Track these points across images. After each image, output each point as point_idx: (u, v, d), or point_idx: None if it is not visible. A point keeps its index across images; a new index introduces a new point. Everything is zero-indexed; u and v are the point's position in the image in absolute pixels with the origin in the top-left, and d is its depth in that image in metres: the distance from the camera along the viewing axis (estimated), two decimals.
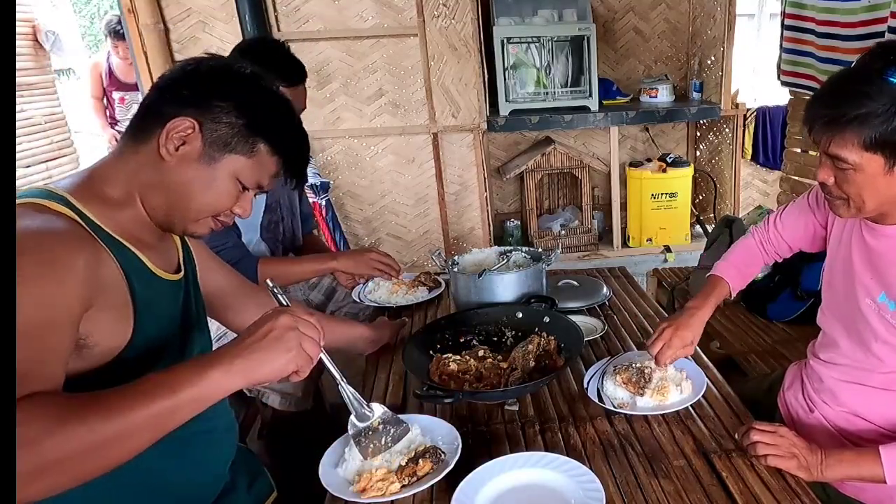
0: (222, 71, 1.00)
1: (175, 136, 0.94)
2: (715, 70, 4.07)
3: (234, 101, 0.96)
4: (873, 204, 1.11)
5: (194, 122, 0.94)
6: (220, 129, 0.96)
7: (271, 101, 1.02)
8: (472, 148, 3.89)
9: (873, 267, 1.18)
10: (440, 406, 1.27)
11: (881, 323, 1.16)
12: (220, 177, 0.98)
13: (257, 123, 0.98)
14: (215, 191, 0.98)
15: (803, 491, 1.02)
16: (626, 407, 1.24)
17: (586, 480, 1.02)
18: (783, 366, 1.54)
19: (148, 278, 0.99)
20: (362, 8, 3.56)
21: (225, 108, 0.96)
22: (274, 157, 1.01)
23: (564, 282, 1.89)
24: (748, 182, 4.59)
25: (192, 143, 0.95)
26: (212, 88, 0.97)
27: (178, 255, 1.13)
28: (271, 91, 1.03)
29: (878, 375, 1.20)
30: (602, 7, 4.24)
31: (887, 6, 2.29)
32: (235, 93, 0.98)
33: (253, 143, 0.98)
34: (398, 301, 1.89)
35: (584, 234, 4.24)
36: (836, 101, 1.05)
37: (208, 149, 0.96)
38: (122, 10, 3.33)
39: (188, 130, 0.94)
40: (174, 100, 0.96)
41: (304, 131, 1.10)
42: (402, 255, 4.06)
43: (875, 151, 1.03)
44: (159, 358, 0.99)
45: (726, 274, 1.44)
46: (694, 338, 1.32)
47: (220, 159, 0.97)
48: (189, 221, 1.01)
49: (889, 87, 1.00)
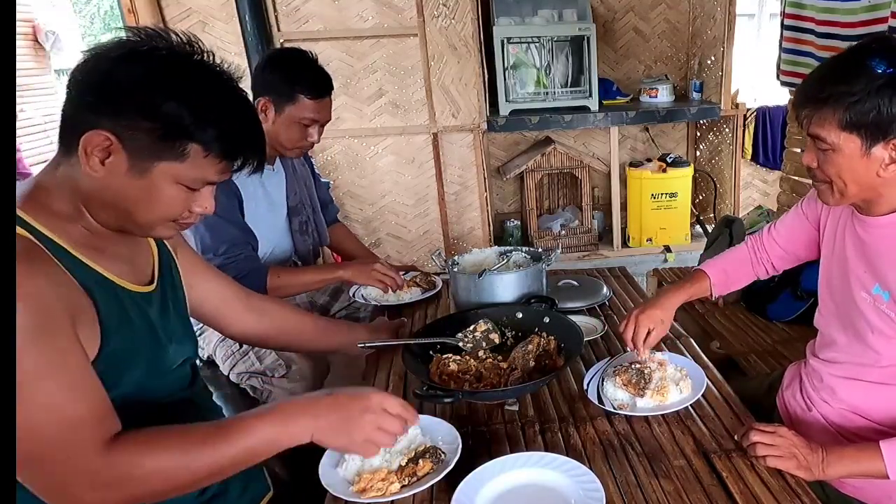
0: (127, 64, 0.83)
1: (94, 153, 0.83)
2: (715, 70, 4.07)
3: (144, 103, 0.83)
4: (855, 188, 1.12)
5: (109, 135, 0.82)
6: (140, 136, 0.84)
7: (193, 92, 0.86)
8: (472, 148, 3.89)
9: (866, 259, 1.19)
10: (440, 406, 1.27)
11: (877, 315, 1.17)
12: (157, 185, 0.87)
13: (179, 124, 0.84)
14: (158, 200, 0.89)
15: (803, 491, 1.02)
16: (626, 408, 1.24)
17: (586, 480, 1.02)
18: (783, 366, 1.54)
19: (111, 291, 0.93)
20: (362, 8, 3.56)
21: (137, 113, 0.83)
22: (211, 154, 0.88)
23: (564, 282, 1.89)
24: (748, 182, 4.60)
25: (116, 154, 0.84)
26: (118, 90, 0.82)
27: (153, 265, 1.06)
28: (192, 76, 0.87)
29: (876, 370, 1.20)
30: (602, 7, 4.24)
31: (887, 6, 2.29)
32: (145, 90, 0.83)
33: (180, 145, 0.86)
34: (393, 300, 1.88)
35: (584, 234, 4.24)
36: (818, 81, 1.09)
37: (134, 160, 0.85)
38: (122, 10, 3.34)
39: (106, 143, 0.83)
40: (82, 106, 0.84)
41: (243, 113, 0.94)
42: (402, 255, 4.06)
43: (851, 132, 1.05)
44: (126, 370, 0.94)
45: (709, 270, 1.46)
46: (664, 317, 1.34)
47: (152, 169, 0.86)
48: (146, 229, 0.94)
49: (868, 72, 1.02)
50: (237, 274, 1.65)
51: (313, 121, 1.84)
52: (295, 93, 1.79)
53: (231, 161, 0.93)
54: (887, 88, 1.01)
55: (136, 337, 0.97)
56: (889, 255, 1.15)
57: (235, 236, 1.76)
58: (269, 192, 1.96)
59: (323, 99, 1.85)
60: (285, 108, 1.80)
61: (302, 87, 1.79)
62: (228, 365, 1.87)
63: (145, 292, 1.01)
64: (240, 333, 1.39)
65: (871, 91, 1.01)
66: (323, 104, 1.85)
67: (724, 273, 1.47)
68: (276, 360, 1.83)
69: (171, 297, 1.09)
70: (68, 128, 0.87)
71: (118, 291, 0.95)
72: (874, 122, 1.03)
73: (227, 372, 1.89)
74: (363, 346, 1.46)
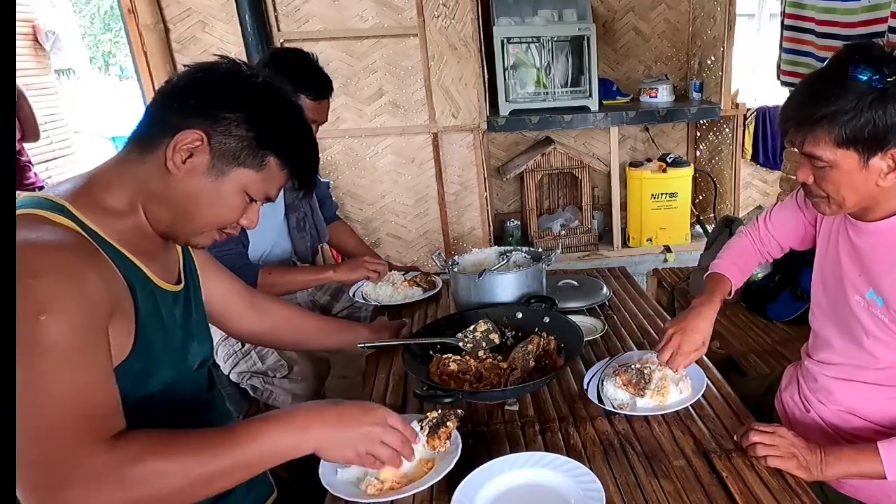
0: (233, 79, 0.95)
1: (183, 149, 0.90)
2: (715, 70, 4.07)
3: (244, 113, 0.93)
4: (853, 200, 1.12)
5: (202, 135, 0.91)
6: (230, 141, 0.93)
7: (284, 113, 0.98)
8: (472, 148, 3.89)
9: (860, 264, 1.19)
10: (440, 406, 1.27)
11: (871, 319, 1.17)
12: (227, 190, 0.95)
13: (268, 136, 0.95)
14: (222, 204, 0.96)
15: (803, 491, 1.02)
16: (626, 408, 1.24)
17: (586, 480, 1.02)
18: (783, 366, 1.54)
19: (150, 289, 0.97)
20: (362, 8, 3.56)
21: (234, 120, 0.92)
22: (284, 171, 0.99)
23: (564, 282, 1.89)
24: (748, 182, 4.60)
25: (200, 155, 0.92)
26: (221, 98, 0.93)
27: (179, 264, 1.10)
28: (284, 100, 0.99)
29: (872, 372, 1.20)
30: (602, 7, 4.24)
31: (887, 6, 2.29)
32: (246, 103, 0.94)
33: (263, 156, 0.95)
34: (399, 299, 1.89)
35: (584, 234, 4.24)
36: (805, 102, 1.07)
37: (217, 162, 0.93)
38: (122, 10, 3.34)
39: (196, 143, 0.91)
40: (181, 109, 0.92)
41: (314, 142, 1.08)
42: (402, 255, 4.06)
43: (848, 147, 1.04)
44: (156, 370, 0.97)
45: (728, 271, 1.43)
46: (704, 339, 1.30)
47: (229, 173, 0.94)
48: (194, 234, 0.99)
49: (855, 84, 1.01)
50: (231, 267, 1.65)
51: (311, 121, 1.84)
52: (296, 92, 1.79)
53: (297, 179, 1.03)
54: (879, 101, 1.00)
55: (167, 336, 0.99)
56: (882, 260, 1.15)
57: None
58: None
59: (323, 100, 1.86)
60: None
61: (302, 88, 1.79)
62: (230, 364, 1.87)
63: (175, 291, 1.04)
64: (243, 332, 1.41)
65: (864, 106, 1.00)
66: (322, 105, 1.86)
67: (737, 267, 1.45)
68: (278, 360, 1.84)
69: (193, 297, 1.12)
70: (156, 123, 0.94)
71: (154, 289, 0.98)
72: (870, 135, 1.02)
73: (227, 371, 1.89)
74: (363, 346, 1.47)
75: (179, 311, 1.05)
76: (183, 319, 1.06)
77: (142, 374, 0.93)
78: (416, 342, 1.44)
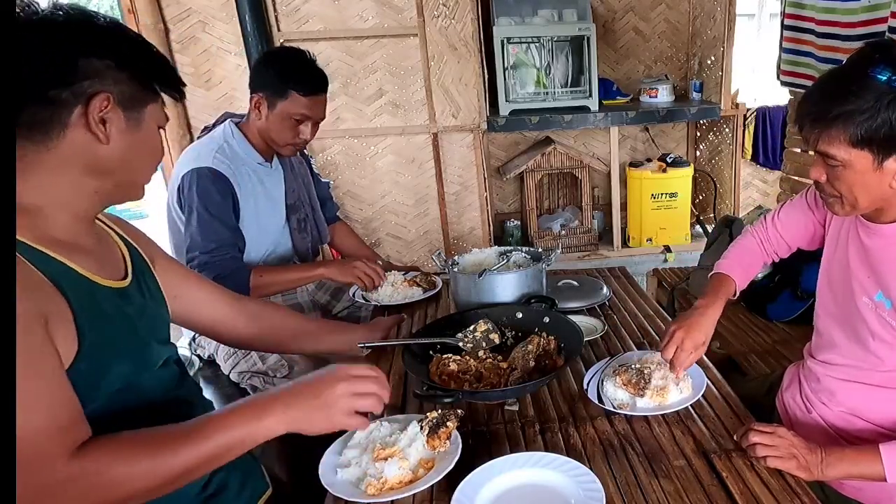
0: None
1: (99, 116, 0.89)
2: (715, 70, 4.07)
3: (111, 59, 0.90)
4: (866, 201, 1.11)
5: (108, 94, 0.89)
6: (123, 88, 0.91)
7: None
8: (472, 148, 3.89)
9: (869, 265, 1.19)
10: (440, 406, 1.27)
11: (878, 321, 1.16)
12: (148, 130, 0.97)
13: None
14: (152, 146, 0.99)
15: (803, 491, 1.02)
16: (626, 408, 1.24)
17: (586, 480, 1.02)
18: (783, 366, 1.53)
19: (84, 286, 0.92)
20: (362, 8, 3.56)
21: (111, 67, 0.90)
22: (151, 89, 0.97)
23: (564, 282, 1.89)
24: (748, 182, 4.60)
25: (113, 115, 0.90)
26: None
27: (125, 261, 1.05)
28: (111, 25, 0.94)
29: (877, 374, 1.20)
30: (602, 7, 4.24)
31: (887, 6, 2.29)
32: (107, 48, 0.91)
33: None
34: (399, 299, 1.89)
35: (584, 234, 4.24)
36: (822, 99, 1.06)
37: (128, 112, 0.93)
38: (122, 10, 3.33)
39: (105, 104, 0.89)
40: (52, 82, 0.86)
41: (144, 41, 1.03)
42: (402, 255, 4.06)
43: (862, 148, 1.03)
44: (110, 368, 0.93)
45: (732, 272, 1.42)
46: (706, 338, 1.29)
47: (142, 117, 0.95)
48: (138, 187, 1.01)
49: (874, 84, 1.00)
50: (220, 272, 1.67)
51: (305, 117, 1.84)
52: (287, 89, 1.80)
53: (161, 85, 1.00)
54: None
55: (114, 329, 0.95)
56: (893, 263, 1.14)
57: (225, 237, 1.78)
58: (268, 190, 1.97)
59: (315, 96, 1.85)
60: (277, 103, 1.82)
61: (294, 83, 1.80)
62: (230, 364, 1.87)
63: (119, 287, 1.00)
64: (235, 339, 1.39)
65: (881, 107, 0.99)
66: (315, 101, 1.85)
67: (742, 268, 1.44)
68: (279, 360, 1.83)
69: (147, 293, 1.07)
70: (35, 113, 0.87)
71: (91, 286, 0.93)
72: (886, 136, 1.01)
73: (228, 371, 1.89)
74: (363, 347, 1.46)
75: (131, 308, 1.01)
76: (137, 316, 1.01)
77: (94, 374, 0.90)
78: (416, 342, 1.44)
